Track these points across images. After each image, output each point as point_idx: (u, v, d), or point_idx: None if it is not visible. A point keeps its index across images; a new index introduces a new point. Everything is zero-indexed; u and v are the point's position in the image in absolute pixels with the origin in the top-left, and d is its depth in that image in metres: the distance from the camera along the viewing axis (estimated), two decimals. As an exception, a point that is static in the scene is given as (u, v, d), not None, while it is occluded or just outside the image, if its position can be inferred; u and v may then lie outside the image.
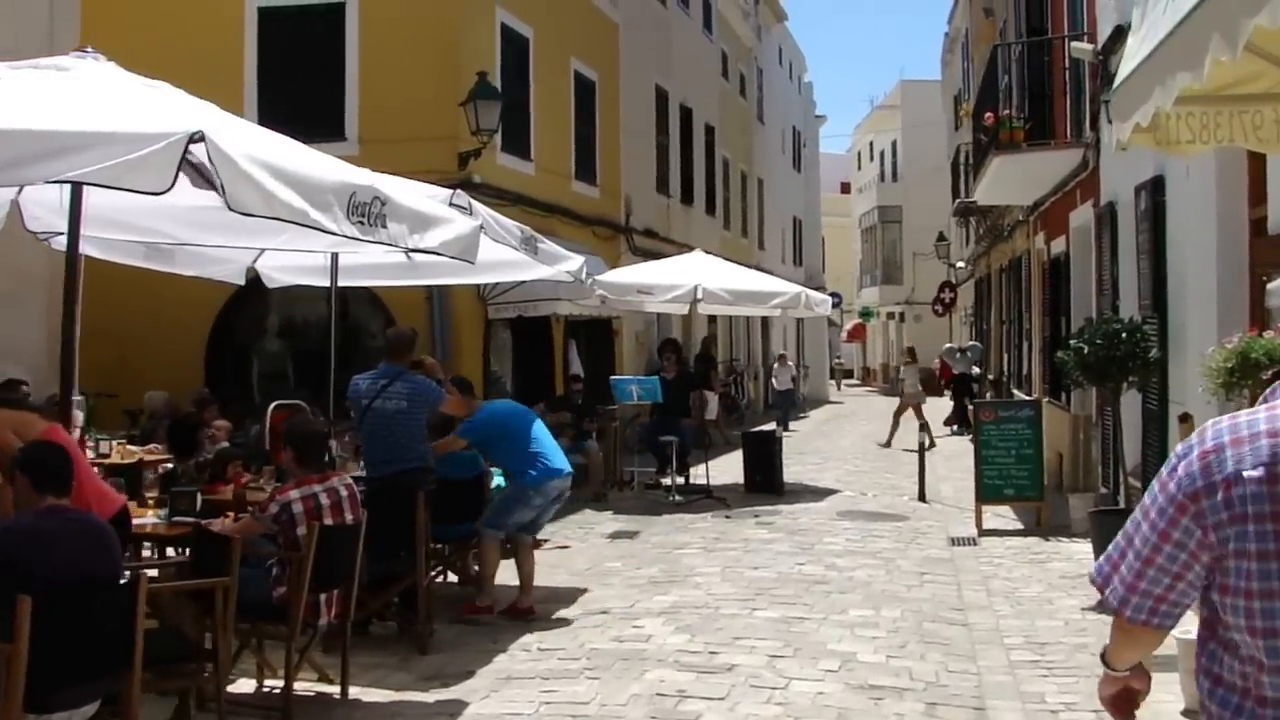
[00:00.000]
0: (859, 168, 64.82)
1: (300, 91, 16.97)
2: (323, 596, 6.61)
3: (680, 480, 15.73)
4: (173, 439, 9.91)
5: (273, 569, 6.63)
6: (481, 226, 7.90)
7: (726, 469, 16.76)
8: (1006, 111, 14.21)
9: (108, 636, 4.99)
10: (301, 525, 6.43)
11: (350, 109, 16.97)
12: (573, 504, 14.49)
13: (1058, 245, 16.09)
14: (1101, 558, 2.61)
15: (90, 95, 5.64)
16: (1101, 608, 8.18)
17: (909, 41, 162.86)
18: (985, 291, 29.57)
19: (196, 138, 4.77)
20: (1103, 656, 2.76)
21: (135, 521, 7.27)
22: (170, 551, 7.99)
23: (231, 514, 7.43)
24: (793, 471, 18.31)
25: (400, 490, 7.92)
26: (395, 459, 8.21)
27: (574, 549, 11.79)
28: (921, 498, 14.82)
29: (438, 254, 6.78)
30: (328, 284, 11.52)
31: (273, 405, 11.14)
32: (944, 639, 7.96)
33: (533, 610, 8.77)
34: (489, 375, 18.12)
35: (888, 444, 23.12)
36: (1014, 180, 15.35)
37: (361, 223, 5.76)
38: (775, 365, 31.23)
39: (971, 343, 30.69)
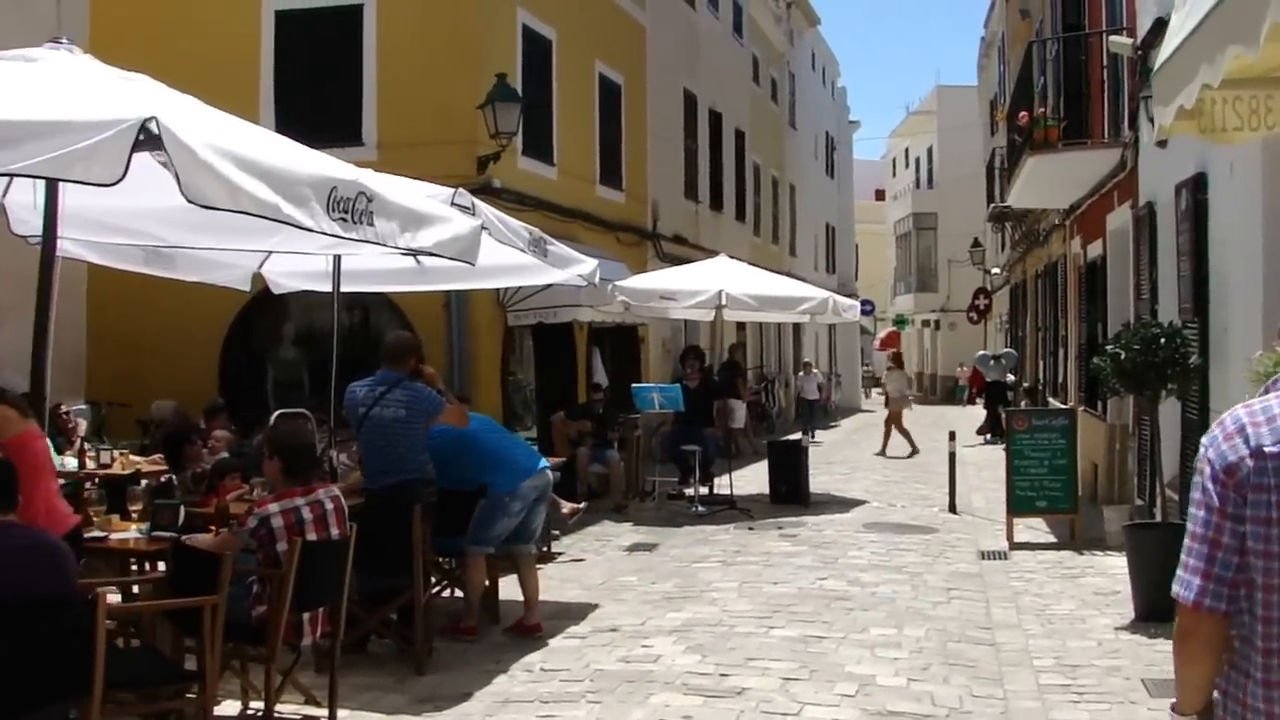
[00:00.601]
0: (894, 174, 64.24)
1: (317, 96, 16.72)
2: (306, 616, 6.25)
3: (704, 491, 15.34)
4: (167, 450, 9.59)
5: (253, 586, 6.27)
6: (485, 227, 7.57)
7: (753, 479, 16.36)
8: (1041, 110, 13.72)
9: (59, 658, 4.64)
10: (282, 540, 6.07)
11: (368, 113, 16.67)
12: (592, 516, 14.16)
13: (1094, 249, 15.59)
14: (1181, 579, 2.59)
15: (52, 86, 5.30)
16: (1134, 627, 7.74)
17: (945, 47, 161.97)
18: (1020, 298, 29.03)
19: (150, 124, 4.41)
20: (1172, 708, 2.64)
21: (115, 536, 6.96)
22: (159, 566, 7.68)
23: (215, 528, 7.08)
24: (820, 482, 17.85)
25: (398, 503, 7.55)
26: (394, 469, 7.83)
27: (589, 562, 11.41)
28: (952, 509, 14.36)
29: (434, 254, 6.40)
30: (347, 290, 11.34)
31: (275, 414, 10.81)
32: (969, 660, 7.52)
33: (539, 628, 8.39)
34: (508, 383, 17.78)
35: (882, 452, 23.52)
36: (1049, 182, 14.85)
37: (344, 219, 5.40)
38: (800, 373, 30.57)
39: (1006, 350, 30.15)
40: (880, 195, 67.08)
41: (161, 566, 7.28)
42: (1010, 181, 16.28)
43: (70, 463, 11.38)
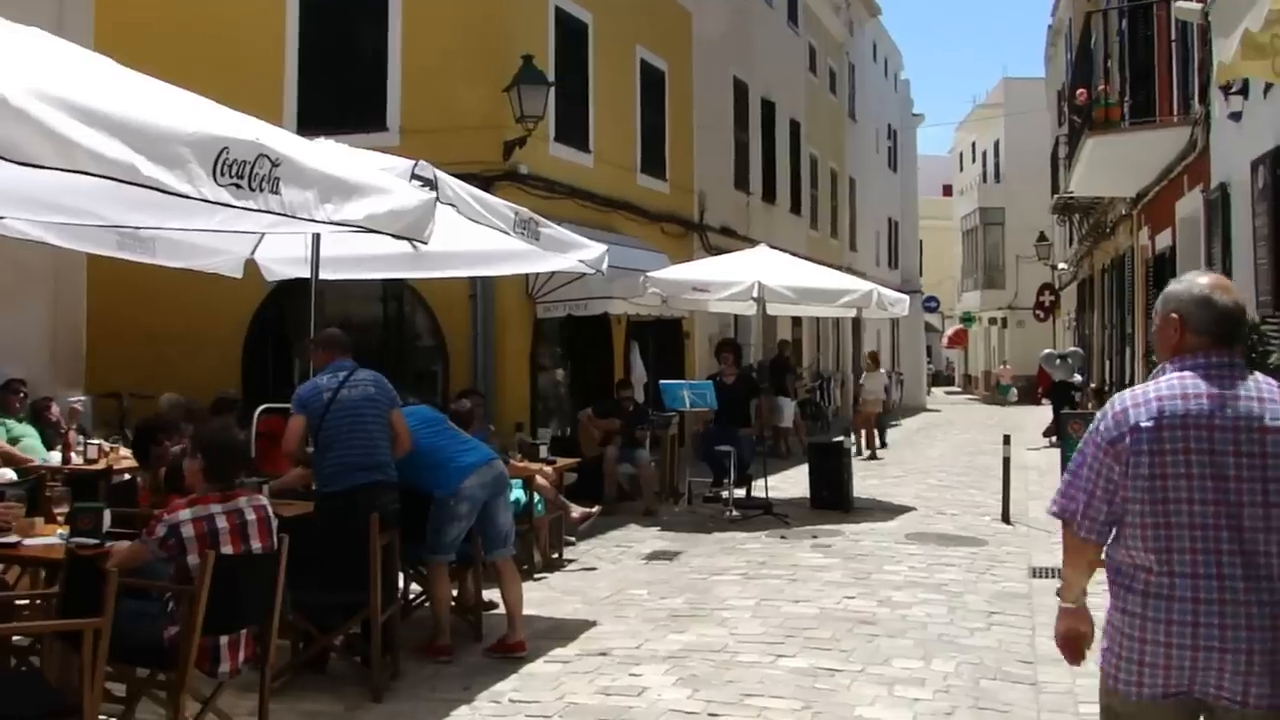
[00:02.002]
0: (960, 169, 62.77)
1: (342, 81, 16.07)
2: (225, 640, 5.42)
3: (740, 494, 14.43)
4: (136, 446, 8.83)
5: (169, 604, 5.47)
6: (451, 204, 6.71)
7: (799, 481, 15.34)
8: (1102, 87, 12.63)
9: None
10: (193, 553, 5.25)
11: (393, 99, 15.94)
12: (618, 520, 13.34)
13: (1163, 239, 14.48)
14: (1055, 497, 3.57)
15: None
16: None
17: (1012, 38, 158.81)
18: (1088, 294, 27.76)
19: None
20: (1058, 593, 3.71)
21: (26, 543, 6.17)
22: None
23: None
24: (868, 485, 16.90)
25: (353, 512, 6.70)
26: (368, 462, 6.98)
27: (600, 572, 10.54)
28: (1005, 519, 13.32)
29: (365, 229, 5.52)
30: (332, 277, 10.55)
31: (260, 408, 10.04)
32: (1003, 704, 6.52)
33: (522, 646, 7.52)
34: (538, 378, 16.95)
35: (872, 456, 22.05)
36: (1112, 165, 13.75)
37: (237, 186, 4.54)
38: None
39: (1073, 349, 28.83)
40: (948, 190, 65.66)
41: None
42: (1071, 167, 15.17)
43: (55, 457, 10.74)
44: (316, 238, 8.34)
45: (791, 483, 15.96)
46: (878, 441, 22.94)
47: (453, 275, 10.86)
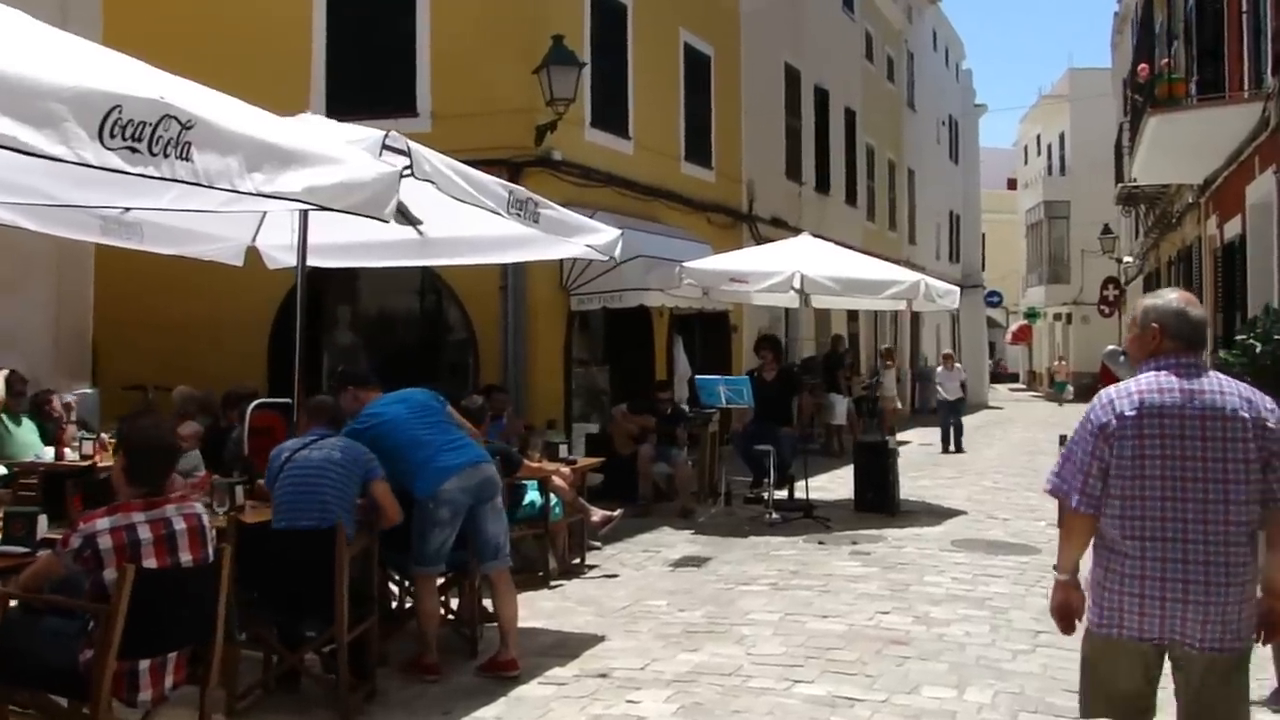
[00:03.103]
0: (1025, 162, 61.47)
1: (370, 66, 15.56)
2: (146, 665, 4.80)
3: (782, 495, 13.72)
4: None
5: (89, 625, 4.87)
6: (431, 181, 6.06)
7: (848, 481, 14.52)
8: (1165, 62, 11.76)
9: None
10: (111, 566, 4.65)
11: (422, 83, 15.40)
12: (651, 521, 12.71)
13: (1232, 228, 13.57)
14: (1050, 477, 4.15)
15: None
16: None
17: (1077, 27, 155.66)
18: (1154, 287, 26.71)
19: None
20: (1054, 567, 4.24)
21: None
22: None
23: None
24: (919, 486, 16.13)
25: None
26: (311, 514, 6.22)
27: (622, 579, 9.88)
28: (1060, 524, 12.48)
29: (306, 204, 4.86)
30: (335, 264, 10.00)
31: (254, 404, 9.46)
32: (1042, 741, 5.81)
33: (514, 665, 6.87)
34: (573, 373, 16.32)
35: None
36: (1177, 147, 12.84)
37: (132, 150, 3.90)
38: (939, 368, 24.76)
39: (1135, 346, 27.75)
40: (1012, 184, 64.36)
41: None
42: (1134, 151, 14.28)
43: (50, 453, 10.27)
44: (304, 219, 7.73)
45: (840, 482, 15.20)
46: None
47: (449, 264, 10.16)
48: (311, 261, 9.47)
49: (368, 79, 15.50)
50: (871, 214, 31.67)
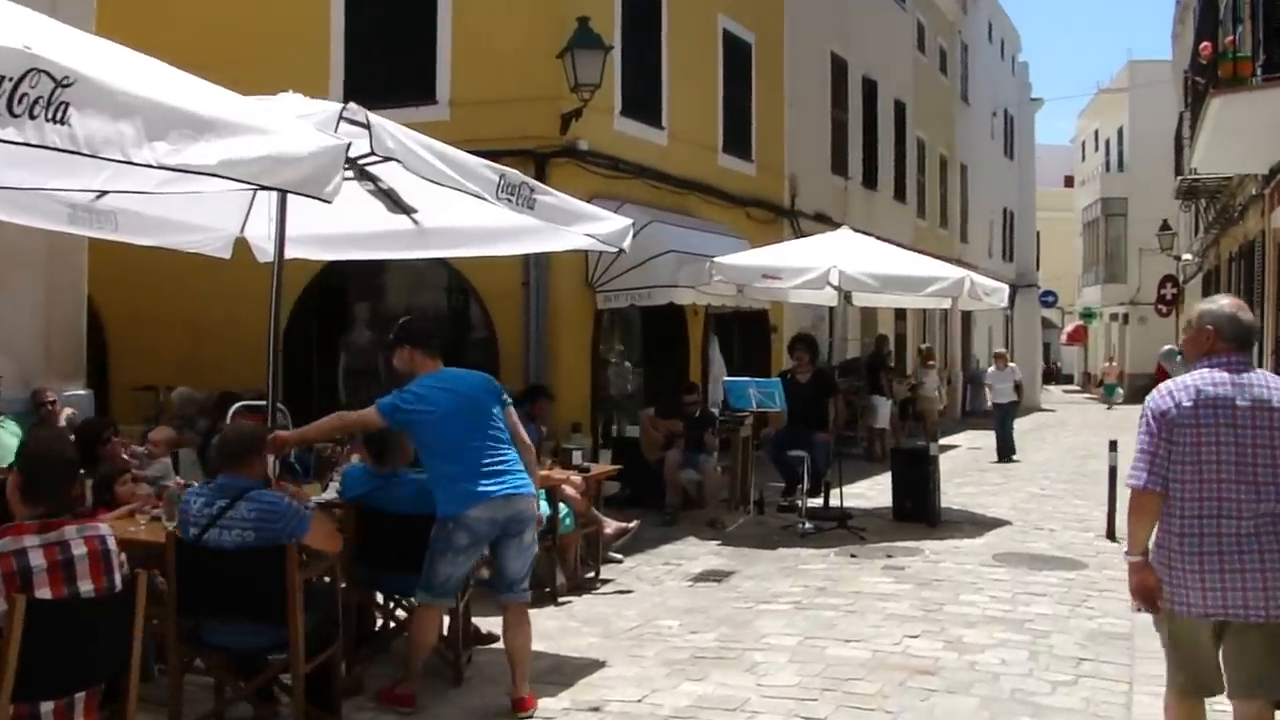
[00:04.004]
0: (1082, 158, 60.17)
1: (389, 51, 15.00)
2: (49, 707, 4.19)
3: (818, 502, 13.03)
4: (80, 448, 7.71)
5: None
6: (395, 159, 5.42)
7: (886, 489, 13.74)
8: (1229, 39, 10.93)
9: None
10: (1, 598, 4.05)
11: (442, 69, 14.80)
12: (677, 532, 12.08)
13: (1298, 221, 12.74)
14: (1132, 472, 4.45)
15: None
16: None
17: (1137, 19, 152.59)
18: (1213, 286, 25.63)
19: None
20: (1125, 553, 4.61)
21: None
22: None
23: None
24: (963, 494, 15.39)
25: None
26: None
27: (637, 595, 9.24)
28: (1110, 535, 11.74)
29: (219, 176, 4.19)
30: (329, 257, 9.42)
31: (235, 406, 8.89)
32: (1080, 798, 5.10)
33: (527, 705, 6.22)
34: (601, 375, 15.67)
35: None
36: (1241, 132, 11.97)
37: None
38: (991, 368, 22.80)
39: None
40: (1069, 182, 63.08)
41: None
42: (1194, 139, 13.43)
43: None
44: (281, 204, 7.10)
45: (881, 490, 14.44)
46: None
47: (447, 255, 9.51)
48: (298, 253, 8.91)
49: (387, 65, 14.95)
50: (922, 211, 30.82)
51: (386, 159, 5.52)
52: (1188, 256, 33.12)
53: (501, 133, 13.89)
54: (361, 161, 6.32)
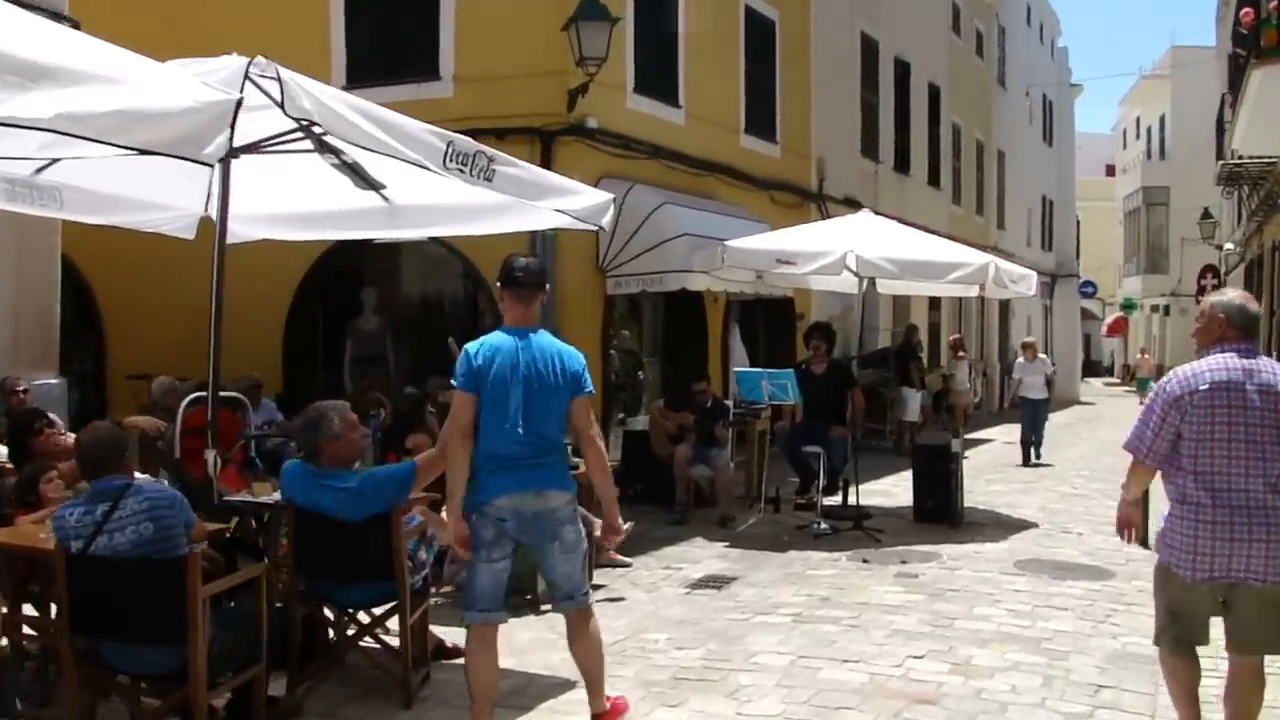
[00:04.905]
0: (1124, 146, 58.96)
1: (391, 27, 14.42)
2: None
3: (834, 501, 12.37)
4: (11, 442, 7.16)
5: None
6: (311, 121, 4.78)
7: (910, 487, 13.00)
8: (1274, 3, 10.14)
9: None
10: None
11: (445, 43, 14.16)
12: (685, 531, 11.51)
13: (1349, 207, 11.92)
14: (1129, 438, 5.01)
15: None
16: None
17: (1180, 3, 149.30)
18: (1255, 276, 24.68)
19: None
20: (1122, 488, 5.30)
21: None
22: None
23: None
24: (990, 492, 14.71)
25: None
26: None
27: (627, 603, 8.61)
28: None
29: (63, 135, 3.52)
30: (296, 237, 8.76)
31: (189, 398, 8.29)
32: None
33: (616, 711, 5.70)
34: (611, 365, 15.03)
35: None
36: (1286, 108, 11.22)
37: None
38: (1019, 359, 20.00)
39: (1238, 339, 25.67)
40: (1110, 171, 61.88)
41: None
42: (1235, 113, 12.62)
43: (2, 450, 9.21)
44: (224, 172, 6.47)
45: (905, 486, 13.61)
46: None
47: (418, 235, 8.82)
48: (264, 233, 8.39)
49: (389, 42, 14.39)
50: (957, 197, 29.99)
51: (307, 124, 4.84)
52: (1229, 246, 32.11)
53: (507, 110, 13.30)
54: (319, 132, 5.68)
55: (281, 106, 4.65)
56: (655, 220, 13.86)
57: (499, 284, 5.64)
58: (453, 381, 5.43)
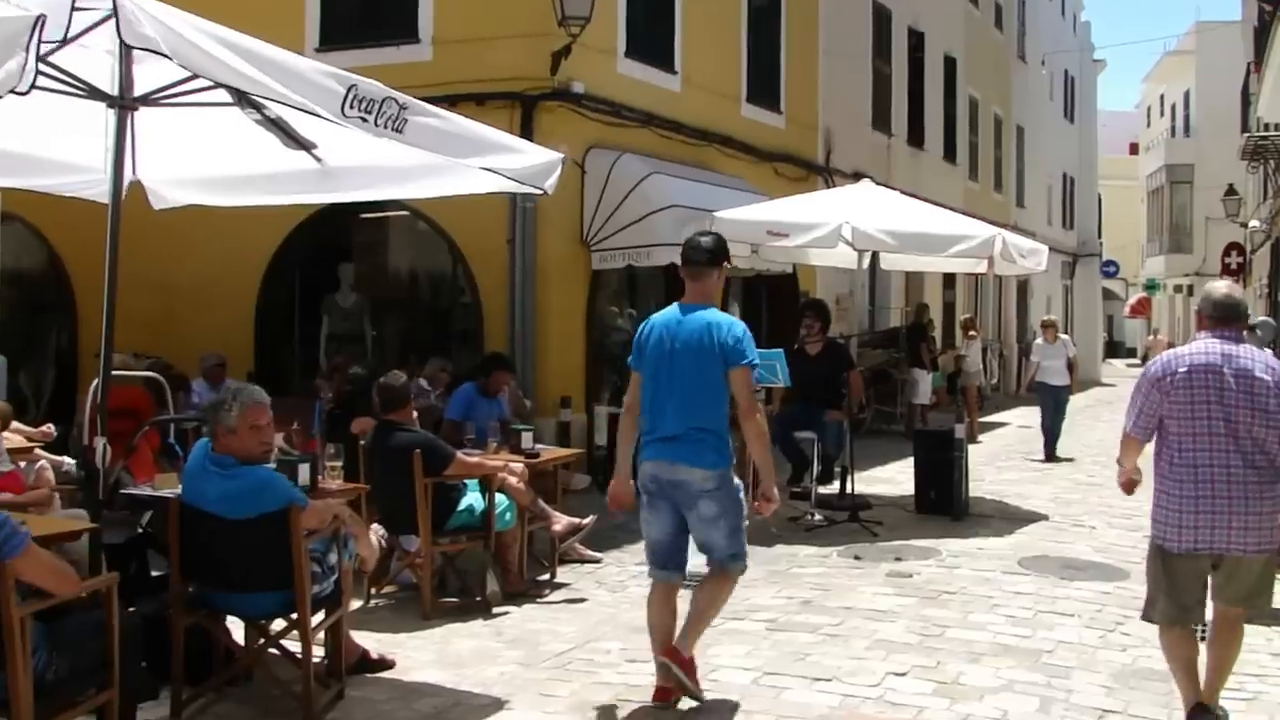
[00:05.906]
0: (1148, 124, 57.79)
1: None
2: None
3: (830, 489, 11.63)
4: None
5: None
6: (158, 50, 4.00)
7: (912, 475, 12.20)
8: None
9: None
10: None
11: (424, 3, 13.32)
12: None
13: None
14: (1125, 421, 5.37)
15: None
16: None
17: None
18: (1284, 255, 23.81)
19: None
20: (1118, 460, 5.55)
21: None
22: None
23: None
24: (1001, 481, 13.92)
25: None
26: None
27: (586, 605, 7.89)
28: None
29: None
30: (224, 202, 7.95)
31: (96, 382, 7.55)
32: None
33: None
34: (596, 344, 14.24)
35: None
36: (1318, 72, 10.34)
37: None
38: (1038, 340, 17.71)
39: (1262, 319, 24.67)
40: (1134, 149, 60.73)
41: None
42: (1260, 80, 11.74)
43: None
44: (120, 122, 5.71)
45: (907, 474, 12.83)
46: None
47: (351, 199, 7.99)
48: (189, 198, 7.65)
49: (365, 1, 13.63)
50: (974, 173, 29.06)
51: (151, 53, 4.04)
52: (1255, 223, 31.13)
53: (488, 73, 12.60)
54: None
55: (119, 33, 3.86)
56: (642, 191, 13.10)
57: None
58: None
